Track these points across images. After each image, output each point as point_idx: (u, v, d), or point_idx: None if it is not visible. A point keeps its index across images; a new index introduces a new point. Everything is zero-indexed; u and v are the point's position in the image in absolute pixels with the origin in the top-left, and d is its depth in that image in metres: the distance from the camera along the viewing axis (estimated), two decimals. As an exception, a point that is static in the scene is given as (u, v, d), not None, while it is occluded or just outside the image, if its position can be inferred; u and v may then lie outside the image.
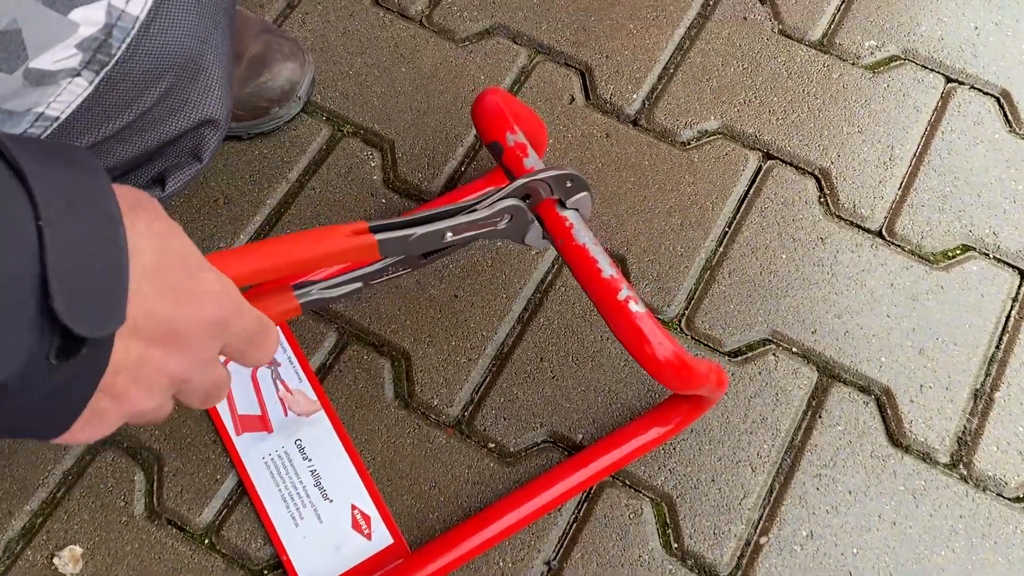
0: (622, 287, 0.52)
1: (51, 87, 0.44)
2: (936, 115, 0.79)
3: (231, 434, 0.65)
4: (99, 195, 0.33)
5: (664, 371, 0.51)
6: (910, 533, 0.63)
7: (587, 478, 0.62)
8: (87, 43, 0.44)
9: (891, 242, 0.73)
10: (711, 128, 0.78)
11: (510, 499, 0.62)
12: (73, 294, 0.30)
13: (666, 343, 0.51)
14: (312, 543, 0.62)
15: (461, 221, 0.51)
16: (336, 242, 0.46)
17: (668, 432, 0.63)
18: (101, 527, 0.63)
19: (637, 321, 0.51)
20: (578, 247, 0.54)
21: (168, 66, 0.48)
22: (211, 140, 0.54)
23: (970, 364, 0.69)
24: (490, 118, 0.59)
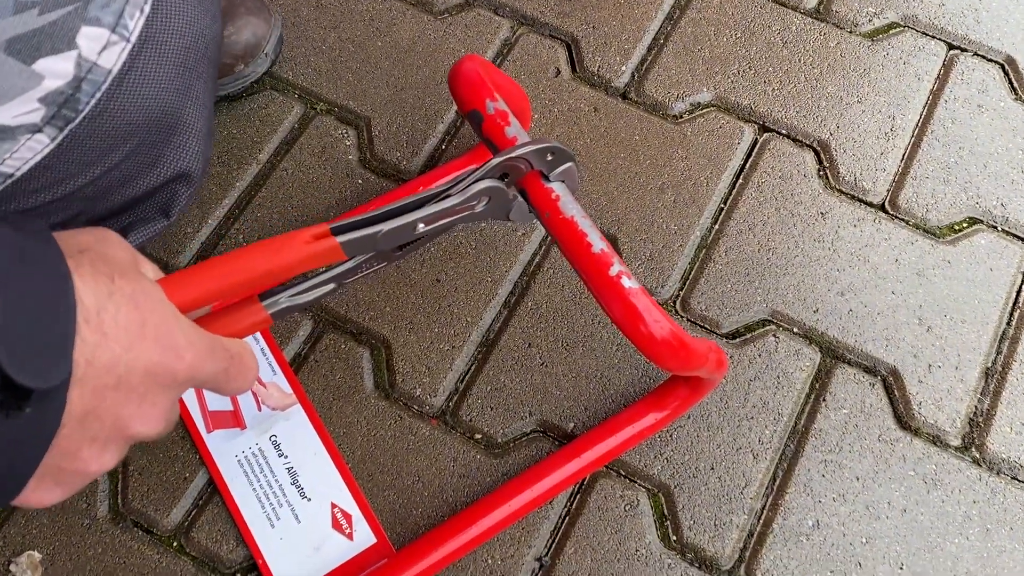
0: (614, 262, 0.48)
1: (7, 143, 0.40)
2: (938, 84, 0.75)
3: (201, 432, 0.61)
4: (48, 252, 0.32)
5: (660, 351, 0.47)
6: (922, 520, 0.60)
7: (580, 468, 0.59)
8: (52, 97, 0.40)
9: (895, 216, 0.70)
10: (704, 100, 0.74)
11: (499, 493, 0.58)
12: (17, 345, 0.29)
13: (662, 320, 0.47)
14: (290, 544, 0.58)
15: (433, 210, 0.47)
16: (295, 250, 0.42)
17: (665, 418, 0.60)
18: (61, 531, 0.59)
19: (631, 298, 0.47)
20: (565, 220, 0.50)
21: (142, 122, 0.45)
22: (182, 196, 0.51)
23: (980, 342, 0.65)
24: (468, 86, 0.55)
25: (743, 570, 0.58)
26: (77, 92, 0.41)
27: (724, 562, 0.59)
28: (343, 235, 0.44)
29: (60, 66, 0.39)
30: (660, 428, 0.61)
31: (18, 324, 0.29)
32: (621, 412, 0.61)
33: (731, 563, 0.59)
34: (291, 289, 0.45)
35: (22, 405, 0.30)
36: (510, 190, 0.51)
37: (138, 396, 0.34)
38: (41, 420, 0.31)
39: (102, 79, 0.41)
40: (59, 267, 0.31)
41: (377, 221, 0.45)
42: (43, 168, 0.42)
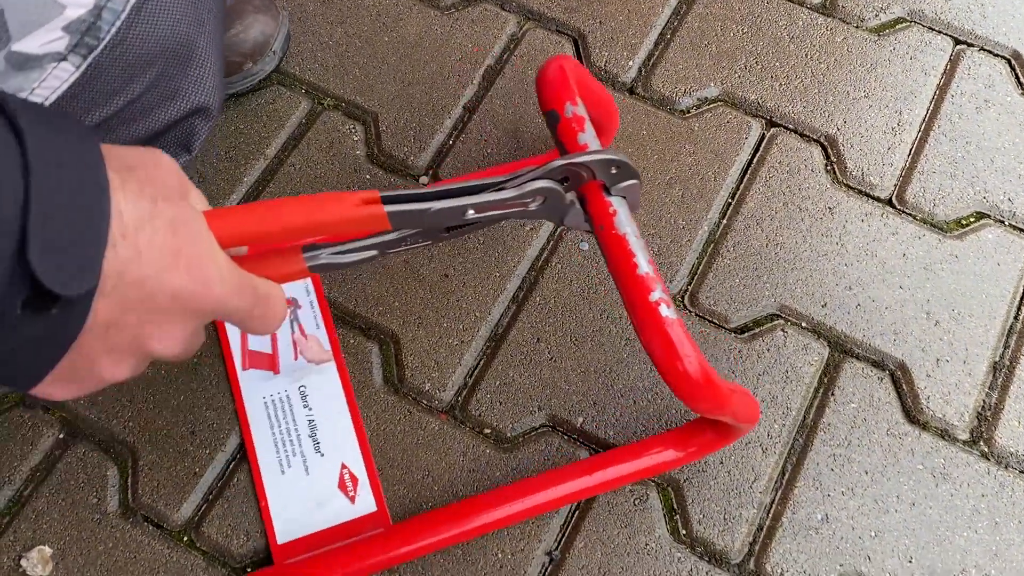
0: (656, 288, 0.47)
1: (35, 71, 0.42)
2: (945, 79, 0.75)
3: (237, 368, 0.62)
4: (89, 161, 0.32)
5: (688, 388, 0.46)
6: (930, 514, 0.60)
7: (590, 487, 0.58)
8: (75, 25, 0.41)
9: (902, 211, 0.70)
10: (711, 95, 0.74)
11: (506, 490, 0.58)
12: (48, 249, 0.30)
13: (693, 356, 0.46)
14: (295, 494, 0.59)
15: (485, 199, 0.47)
16: (341, 210, 0.42)
17: (686, 457, 0.59)
18: (72, 526, 0.59)
19: (666, 327, 0.46)
20: (617, 236, 0.49)
21: (160, 51, 0.46)
22: (202, 130, 0.52)
23: (988, 336, 0.65)
24: (552, 85, 0.54)
25: (752, 564, 0.58)
26: (98, 20, 0.42)
27: (734, 556, 0.59)
28: (392, 205, 0.44)
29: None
30: (679, 466, 0.60)
31: (50, 231, 0.30)
32: (643, 440, 0.60)
33: (740, 557, 0.59)
34: (333, 247, 0.45)
35: (49, 306, 0.31)
36: (568, 195, 0.50)
37: (162, 317, 0.35)
38: (65, 323, 0.32)
39: (121, 7, 0.43)
40: (98, 179, 0.32)
41: (428, 199, 0.45)
42: (70, 97, 0.43)
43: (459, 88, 0.74)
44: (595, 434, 0.62)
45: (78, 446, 0.61)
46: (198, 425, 0.62)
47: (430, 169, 0.71)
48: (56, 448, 0.61)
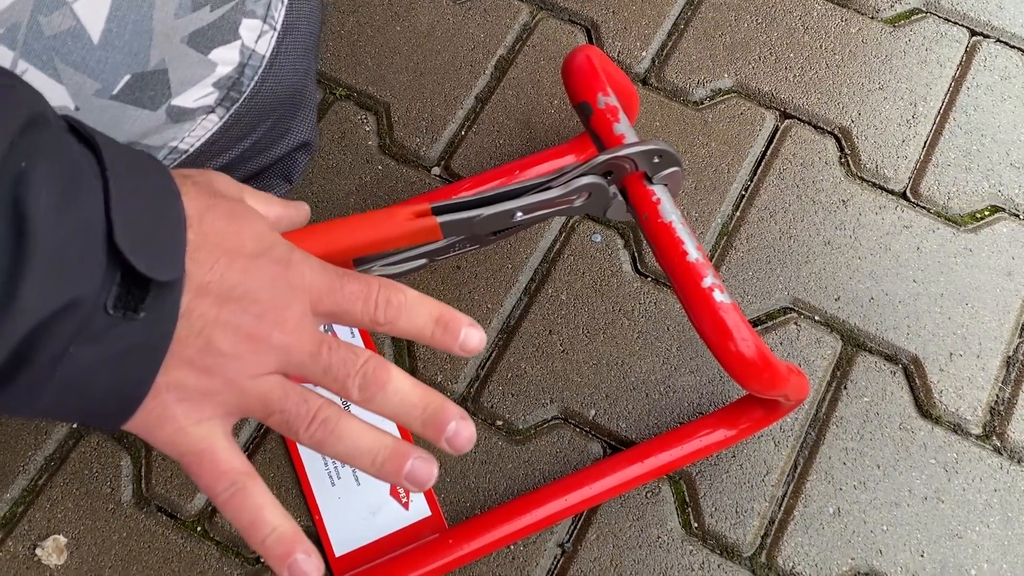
0: (707, 273, 0.47)
1: (188, 123, 0.46)
2: (961, 70, 0.75)
3: None
4: (155, 165, 0.35)
5: (745, 370, 0.46)
6: (943, 508, 0.60)
7: (642, 474, 0.58)
8: (223, 82, 0.46)
9: (916, 204, 0.70)
10: (725, 86, 0.74)
11: (557, 485, 0.58)
12: (134, 234, 0.32)
13: (749, 339, 0.46)
14: (347, 505, 0.59)
15: (533, 200, 0.47)
16: (397, 226, 0.44)
17: (736, 436, 0.59)
18: (86, 515, 0.59)
19: (721, 312, 0.46)
20: (663, 225, 0.49)
21: (282, 99, 0.51)
22: (301, 162, 0.57)
23: (1002, 330, 0.65)
24: (581, 76, 0.54)
25: (764, 557, 0.59)
26: (241, 76, 0.47)
27: (745, 549, 0.59)
28: (443, 215, 0.45)
29: (229, 54, 0.46)
30: (728, 446, 0.60)
31: (132, 218, 0.32)
32: (691, 423, 0.60)
33: (752, 550, 0.59)
34: (384, 259, 0.46)
35: (138, 306, 0.32)
36: (611, 188, 0.50)
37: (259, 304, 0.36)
38: (155, 322, 0.33)
39: (259, 63, 0.47)
40: (169, 184, 0.35)
41: (477, 205, 0.46)
42: (210, 144, 0.48)
43: (471, 78, 0.74)
44: (607, 427, 0.62)
45: (91, 436, 0.61)
46: (211, 416, 0.62)
47: (442, 160, 0.71)
48: (70, 438, 0.61)
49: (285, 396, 0.37)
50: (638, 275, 0.67)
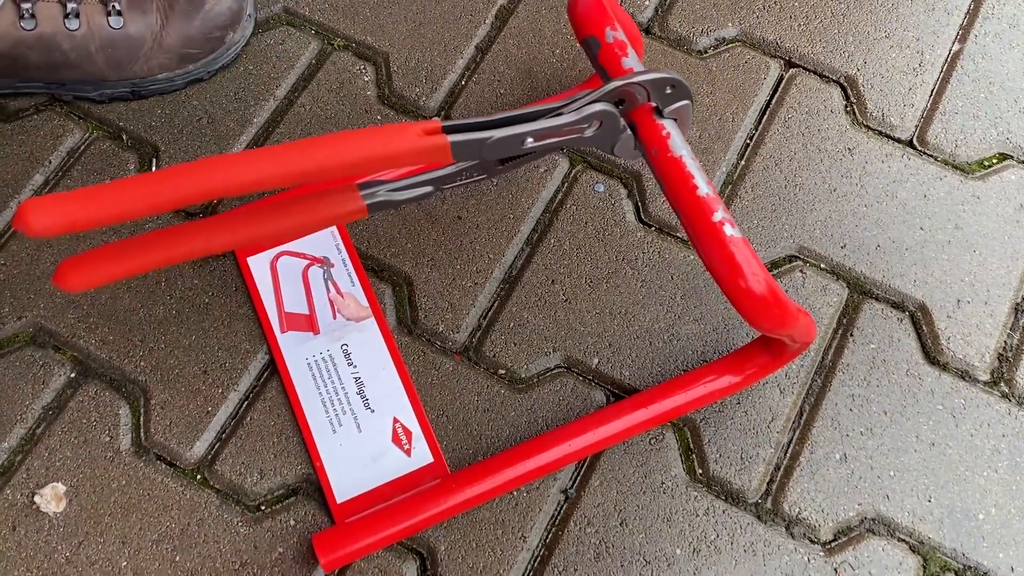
0: (718, 208, 0.46)
1: None
2: (968, 18, 0.73)
3: (275, 331, 0.61)
4: None
5: (755, 306, 0.45)
6: (950, 454, 0.59)
7: (648, 419, 0.58)
8: None
9: (923, 152, 0.69)
10: (729, 35, 0.73)
11: (561, 431, 0.57)
12: None
13: (760, 274, 0.45)
14: (348, 452, 0.58)
15: (544, 126, 0.46)
16: (406, 142, 0.42)
17: (742, 381, 0.58)
18: (85, 463, 0.58)
19: (731, 247, 0.45)
20: (674, 159, 0.48)
21: None
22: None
23: (1010, 277, 0.64)
24: (589, 11, 0.53)
25: (770, 503, 0.58)
26: None
27: (751, 495, 0.58)
28: (454, 135, 0.43)
29: None
30: (735, 391, 0.60)
31: None
32: (696, 369, 0.60)
33: (758, 496, 0.58)
34: (390, 184, 0.45)
35: None
36: (622, 119, 0.49)
37: None
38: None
39: None
40: None
41: (489, 127, 0.45)
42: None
43: (472, 28, 0.73)
44: (610, 375, 0.61)
45: (89, 385, 0.60)
46: (210, 364, 0.61)
47: (442, 110, 0.70)
48: (68, 387, 0.60)
49: None
50: (641, 224, 0.66)
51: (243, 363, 0.61)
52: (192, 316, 0.63)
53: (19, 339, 0.62)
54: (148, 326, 0.62)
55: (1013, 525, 0.57)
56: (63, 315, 0.62)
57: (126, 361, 0.61)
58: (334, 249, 0.64)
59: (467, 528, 0.57)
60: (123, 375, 0.61)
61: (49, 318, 0.62)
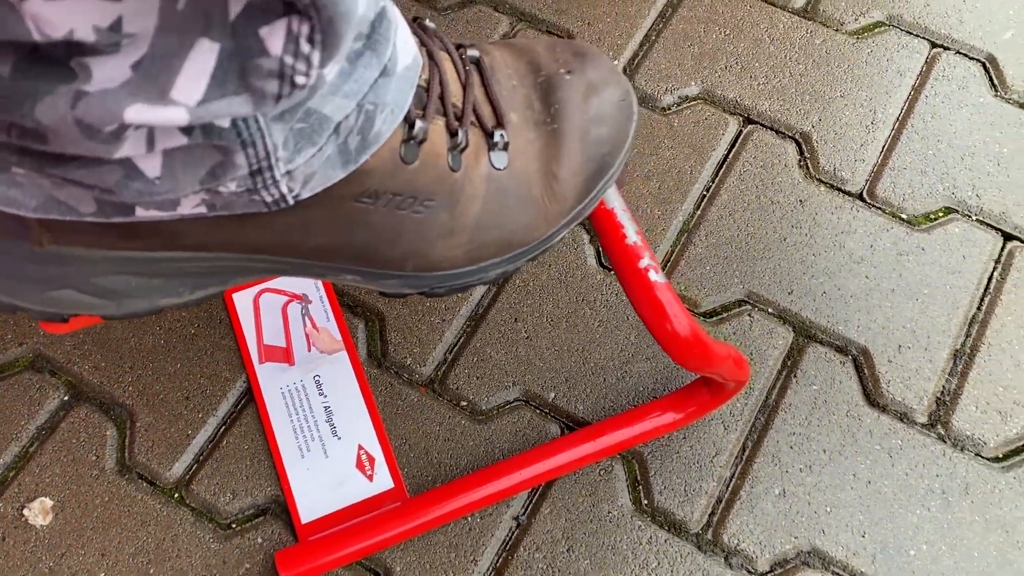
0: (644, 255, 0.50)
1: None
2: (920, 80, 0.78)
3: (254, 361, 0.66)
4: None
5: (677, 345, 0.49)
6: (885, 492, 0.62)
7: (593, 452, 0.61)
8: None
9: (872, 204, 0.72)
10: (692, 93, 0.78)
11: (514, 460, 0.61)
12: None
13: (683, 317, 0.49)
14: (315, 476, 0.62)
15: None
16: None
17: (684, 419, 0.62)
18: (72, 480, 0.63)
19: (655, 291, 0.49)
20: (605, 211, 0.53)
21: None
22: None
23: (950, 325, 0.68)
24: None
25: (710, 534, 0.61)
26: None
27: (693, 525, 0.61)
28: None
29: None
30: (677, 427, 0.63)
31: None
32: (641, 406, 0.63)
33: (699, 527, 0.61)
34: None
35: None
36: None
37: None
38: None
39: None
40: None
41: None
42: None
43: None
44: (566, 409, 0.65)
45: (81, 408, 0.65)
46: (192, 391, 0.66)
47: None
48: (61, 409, 0.65)
49: None
50: (601, 268, 0.70)
51: (223, 390, 0.66)
52: (179, 346, 0.67)
53: (20, 363, 0.67)
54: (137, 354, 0.67)
55: (942, 561, 0.60)
56: (61, 342, 0.67)
57: (115, 386, 0.66)
58: (313, 287, 0.69)
59: (423, 550, 0.61)
60: (112, 399, 0.66)
61: (48, 345, 0.67)
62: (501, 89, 0.45)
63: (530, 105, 0.46)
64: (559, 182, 0.46)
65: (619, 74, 0.49)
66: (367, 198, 0.40)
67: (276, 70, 0.30)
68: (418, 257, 0.44)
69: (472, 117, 0.43)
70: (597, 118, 0.46)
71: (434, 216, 0.43)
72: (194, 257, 0.40)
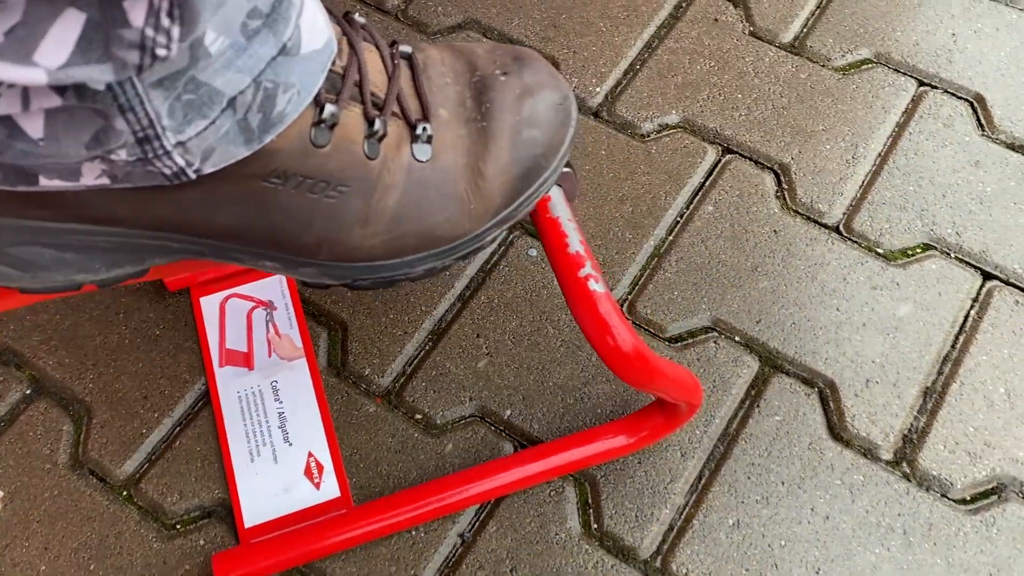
0: (585, 264, 0.50)
1: None
2: (905, 117, 0.77)
3: (214, 364, 0.66)
4: None
5: (617, 358, 0.48)
6: (843, 528, 0.60)
7: (544, 471, 0.60)
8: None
9: (848, 238, 0.71)
10: (672, 122, 0.78)
11: (461, 475, 0.60)
12: None
13: (621, 327, 0.49)
14: (263, 480, 0.62)
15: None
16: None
17: (636, 443, 0.61)
18: (24, 473, 0.63)
19: (595, 300, 0.49)
20: (551, 219, 0.52)
21: None
22: None
23: (922, 362, 0.66)
24: None
25: (659, 562, 0.59)
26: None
27: (642, 552, 0.60)
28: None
29: None
30: (629, 451, 0.62)
31: None
32: (594, 428, 0.62)
33: (648, 554, 0.60)
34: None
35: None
36: None
37: None
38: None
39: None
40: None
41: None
42: None
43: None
44: (521, 427, 0.64)
45: (41, 402, 0.66)
46: (151, 391, 0.66)
47: (397, 175, 0.76)
48: (22, 402, 0.66)
49: None
50: (569, 289, 0.70)
51: (181, 392, 0.66)
52: (142, 345, 0.68)
53: (-13, 356, 0.68)
54: (101, 352, 0.68)
55: (899, 604, 0.57)
56: (29, 337, 0.68)
57: (77, 382, 0.66)
58: (279, 294, 0.70)
59: (363, 561, 0.60)
60: (72, 395, 0.66)
61: (16, 339, 0.68)
62: (432, 85, 0.46)
63: (462, 103, 0.46)
64: (485, 179, 0.46)
65: (558, 79, 0.49)
66: (276, 178, 0.40)
67: (137, 41, 0.31)
68: (333, 244, 0.44)
69: (396, 108, 0.44)
70: (530, 119, 0.46)
71: (348, 202, 0.43)
72: (105, 231, 0.40)
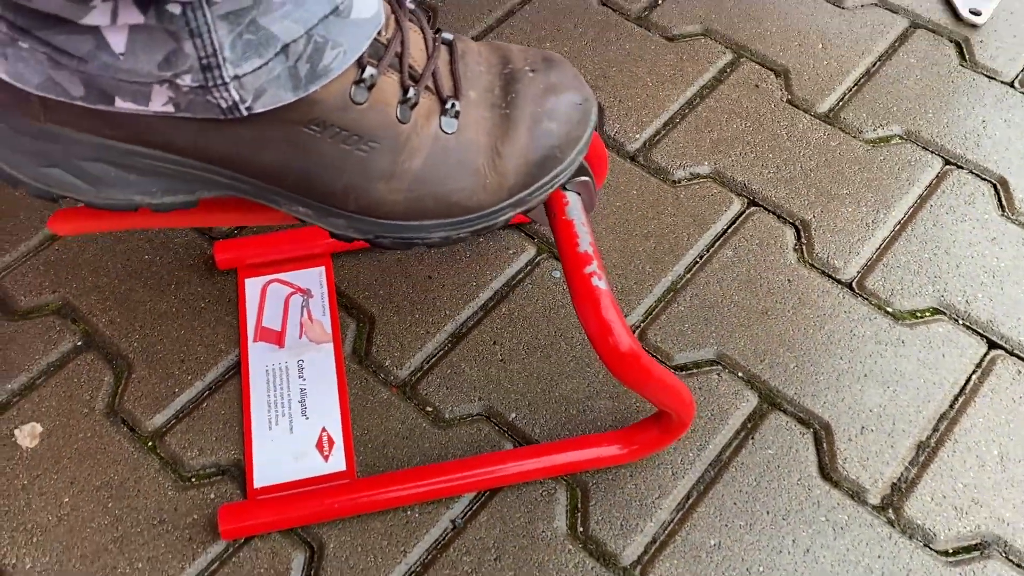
0: (592, 263, 0.55)
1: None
2: (929, 191, 0.80)
3: (249, 339, 0.72)
4: None
5: (610, 353, 0.52)
6: (822, 563, 0.61)
7: (539, 469, 0.64)
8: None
9: (859, 294, 0.74)
10: (703, 172, 0.82)
11: (459, 463, 0.64)
12: None
13: (618, 323, 0.53)
14: (277, 446, 0.66)
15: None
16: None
17: (629, 454, 0.64)
18: (64, 414, 0.68)
19: (596, 294, 0.53)
20: (566, 221, 0.57)
21: None
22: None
23: (919, 416, 0.68)
24: None
25: (639, 571, 0.61)
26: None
27: (623, 560, 0.62)
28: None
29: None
30: (620, 462, 0.65)
31: None
32: (590, 435, 0.66)
33: (629, 562, 0.62)
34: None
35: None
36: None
37: None
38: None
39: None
40: None
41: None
42: None
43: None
44: (523, 430, 0.68)
45: (89, 353, 0.72)
46: (188, 355, 0.71)
47: (441, 192, 0.81)
48: (72, 352, 0.72)
49: None
50: (586, 311, 0.74)
51: (215, 360, 0.71)
52: (187, 315, 0.74)
53: (49, 307, 0.74)
54: (149, 316, 0.74)
55: (869, 641, 0.58)
56: (88, 295, 0.75)
57: (123, 340, 0.72)
58: (318, 284, 0.75)
59: (358, 532, 0.63)
60: (117, 351, 0.72)
61: (77, 296, 0.75)
62: (467, 71, 0.51)
63: (491, 89, 0.52)
64: (502, 159, 0.51)
65: (582, 82, 0.54)
66: (315, 126, 0.46)
67: None
68: (359, 194, 0.49)
69: (430, 83, 0.49)
70: (550, 113, 0.52)
71: (377, 158, 0.48)
72: (164, 157, 0.46)
